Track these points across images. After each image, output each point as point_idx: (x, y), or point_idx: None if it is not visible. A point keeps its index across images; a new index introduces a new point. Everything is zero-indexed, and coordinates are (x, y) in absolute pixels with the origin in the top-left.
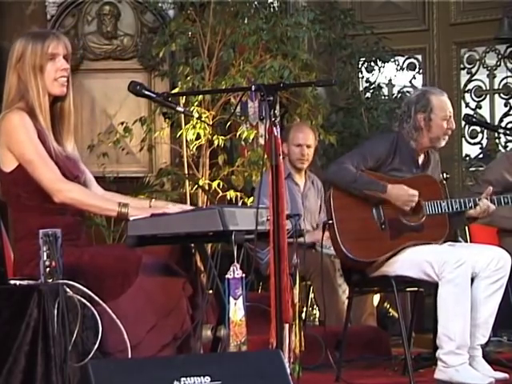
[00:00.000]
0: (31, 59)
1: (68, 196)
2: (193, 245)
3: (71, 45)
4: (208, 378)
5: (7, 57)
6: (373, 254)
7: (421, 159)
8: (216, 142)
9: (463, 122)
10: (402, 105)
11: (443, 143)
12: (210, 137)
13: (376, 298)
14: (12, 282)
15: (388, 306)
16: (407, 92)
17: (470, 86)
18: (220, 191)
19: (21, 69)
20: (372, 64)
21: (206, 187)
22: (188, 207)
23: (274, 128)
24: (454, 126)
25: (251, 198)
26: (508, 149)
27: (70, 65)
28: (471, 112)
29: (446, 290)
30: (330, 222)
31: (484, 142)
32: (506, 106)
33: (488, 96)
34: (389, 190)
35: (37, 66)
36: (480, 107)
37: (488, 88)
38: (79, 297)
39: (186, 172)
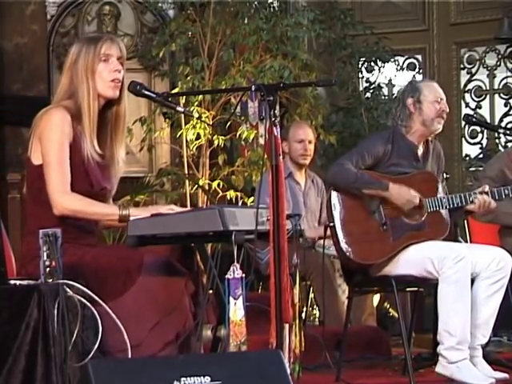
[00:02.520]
0: (84, 60)
1: (67, 208)
2: (193, 245)
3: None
4: (208, 378)
5: (7, 57)
6: (375, 255)
7: (420, 151)
8: (216, 142)
9: (463, 122)
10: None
11: (439, 127)
12: (210, 137)
13: (376, 298)
14: (12, 281)
15: (388, 306)
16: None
17: (470, 86)
18: (220, 191)
19: (74, 70)
20: (372, 64)
21: (206, 187)
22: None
23: (274, 128)
24: (448, 109)
25: (251, 198)
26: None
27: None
28: (471, 112)
29: (446, 286)
30: (331, 224)
31: (484, 141)
32: (506, 106)
33: (488, 96)
34: (390, 189)
35: (89, 67)
36: (480, 107)
37: (488, 88)
38: (79, 297)
39: (186, 172)
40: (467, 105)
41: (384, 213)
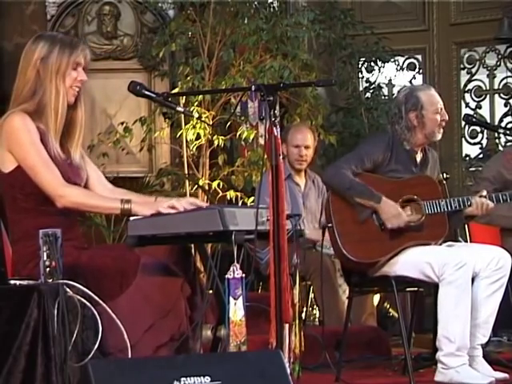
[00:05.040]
0: (57, 63)
1: (70, 201)
2: (193, 245)
3: None
4: (208, 378)
5: (7, 57)
6: (373, 255)
7: (419, 157)
8: (216, 142)
9: (463, 122)
10: (391, 107)
11: (439, 136)
12: (209, 137)
13: (376, 298)
14: (12, 282)
15: (388, 306)
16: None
17: (470, 86)
18: (220, 191)
19: (42, 68)
20: (372, 64)
21: (206, 187)
22: (199, 202)
23: (274, 128)
24: (447, 117)
25: (251, 198)
26: None
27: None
28: (471, 112)
29: (446, 292)
30: (330, 225)
31: (484, 142)
32: (505, 106)
33: (488, 96)
34: (382, 202)
35: (61, 71)
36: (480, 107)
37: (488, 88)
38: (79, 297)
39: (186, 172)
40: (467, 105)
41: None
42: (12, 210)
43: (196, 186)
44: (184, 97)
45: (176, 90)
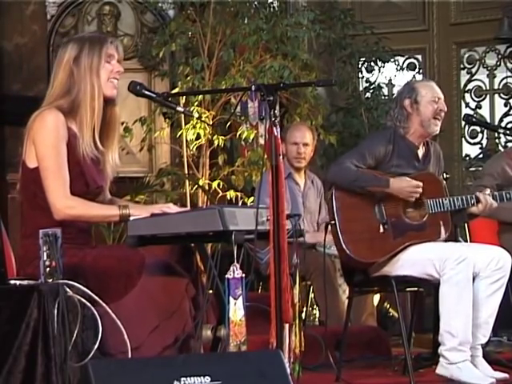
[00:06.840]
0: (89, 59)
1: (68, 213)
2: (193, 245)
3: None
4: (208, 378)
5: (7, 57)
6: (376, 254)
7: (421, 152)
8: (216, 142)
9: (463, 122)
10: (392, 105)
11: (436, 128)
12: (210, 137)
13: (376, 298)
14: (12, 281)
15: (388, 306)
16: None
17: (470, 86)
18: (220, 191)
19: (75, 67)
20: (372, 64)
21: (206, 187)
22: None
23: (274, 128)
24: (446, 109)
25: (251, 198)
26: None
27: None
28: (471, 112)
29: (447, 287)
30: (332, 222)
31: (484, 142)
32: (505, 105)
33: (488, 96)
34: (391, 184)
35: (94, 66)
36: (480, 107)
37: (488, 88)
38: (79, 297)
39: (186, 172)
40: (467, 105)
41: (385, 212)
42: (29, 205)
43: (196, 186)
44: (184, 97)
45: (176, 90)
